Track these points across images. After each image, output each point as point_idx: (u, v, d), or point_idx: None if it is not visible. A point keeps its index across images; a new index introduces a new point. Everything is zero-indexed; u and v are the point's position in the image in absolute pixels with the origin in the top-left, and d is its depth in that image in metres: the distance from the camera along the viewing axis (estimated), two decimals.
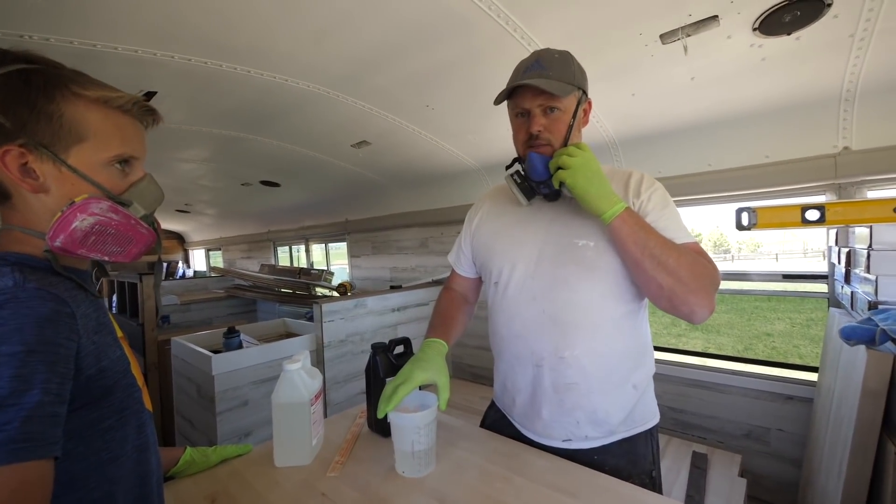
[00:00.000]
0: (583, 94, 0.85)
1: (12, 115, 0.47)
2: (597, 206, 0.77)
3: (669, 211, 0.82)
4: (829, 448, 1.31)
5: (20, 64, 0.49)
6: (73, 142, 0.50)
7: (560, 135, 0.83)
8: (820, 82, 1.44)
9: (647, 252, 0.75)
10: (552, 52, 0.85)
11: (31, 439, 0.39)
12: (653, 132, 1.91)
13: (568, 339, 0.84)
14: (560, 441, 0.89)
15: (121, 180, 0.55)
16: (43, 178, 0.50)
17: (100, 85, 0.53)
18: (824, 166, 1.60)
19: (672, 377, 2.03)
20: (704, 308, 0.74)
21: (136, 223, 0.55)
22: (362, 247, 3.90)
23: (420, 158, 2.52)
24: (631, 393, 0.87)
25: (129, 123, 0.55)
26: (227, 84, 1.67)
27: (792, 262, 34.95)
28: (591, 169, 0.78)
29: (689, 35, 1.27)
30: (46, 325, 0.43)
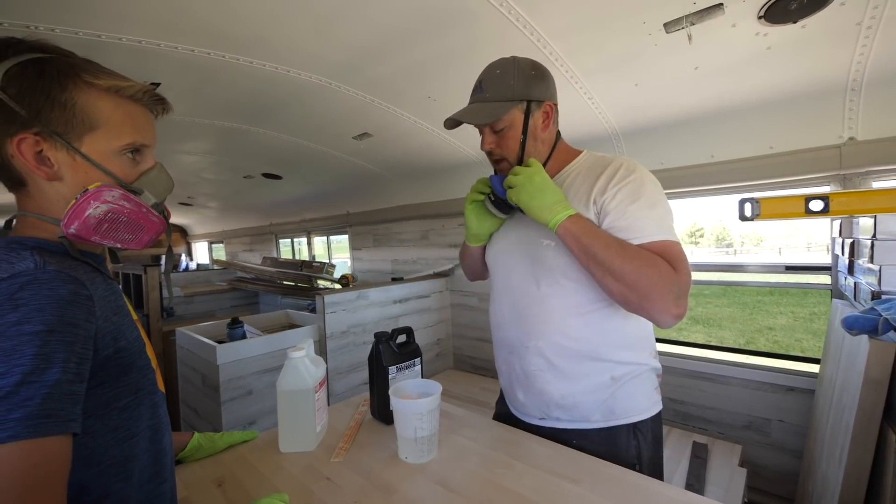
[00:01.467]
0: (530, 104, 0.86)
1: (27, 103, 0.48)
2: (541, 218, 0.82)
3: (637, 207, 0.79)
4: (830, 437, 1.32)
5: (35, 53, 0.50)
6: (85, 130, 0.51)
7: (512, 150, 0.88)
8: (826, 71, 1.43)
9: (591, 259, 0.77)
10: (494, 69, 0.88)
11: (52, 415, 0.40)
12: (656, 123, 1.89)
13: (531, 331, 0.90)
14: (537, 419, 0.94)
15: (132, 169, 0.56)
16: (57, 165, 0.51)
17: (111, 74, 0.54)
18: (829, 157, 1.59)
19: (673, 369, 2.04)
20: (664, 313, 0.74)
21: (148, 211, 0.56)
22: (364, 239, 3.91)
23: (421, 150, 2.51)
24: (607, 384, 0.86)
25: (140, 112, 0.56)
26: (229, 75, 1.67)
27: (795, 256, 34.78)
28: (534, 184, 0.82)
29: (694, 24, 1.26)
30: (66, 307, 0.44)
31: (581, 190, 0.86)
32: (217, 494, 0.77)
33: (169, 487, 0.60)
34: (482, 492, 0.74)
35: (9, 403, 0.38)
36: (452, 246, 3.05)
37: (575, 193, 0.86)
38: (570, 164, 0.93)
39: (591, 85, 1.67)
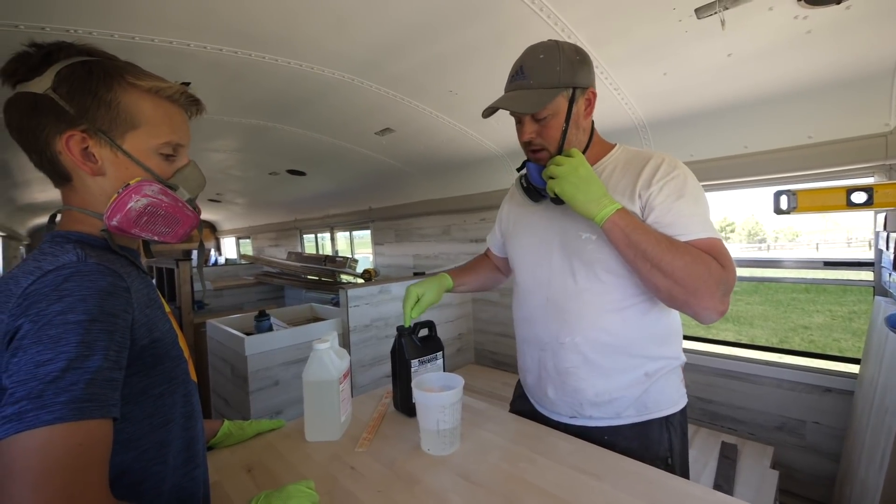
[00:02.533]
0: (575, 90, 0.83)
1: (76, 102, 0.51)
2: (586, 212, 0.79)
3: (682, 203, 0.78)
4: (871, 440, 1.26)
5: (83, 56, 0.53)
6: (128, 128, 0.54)
7: (553, 140, 0.85)
8: (871, 55, 1.34)
9: (639, 254, 0.75)
10: (537, 53, 0.83)
11: (95, 400, 0.42)
12: (685, 113, 1.83)
13: (568, 327, 0.87)
14: (567, 417, 0.92)
15: (168, 166, 0.59)
16: (101, 161, 0.54)
17: (151, 76, 0.57)
18: (874, 146, 1.49)
19: (700, 367, 1.98)
20: (709, 310, 0.73)
21: (184, 205, 0.59)
22: (386, 234, 3.95)
23: (443, 145, 2.51)
24: (642, 380, 0.86)
25: (177, 112, 0.59)
26: (256, 73, 1.71)
27: (834, 252, 33.00)
28: (579, 175, 0.79)
29: (727, 8, 1.20)
30: (106, 298, 0.46)
31: (622, 184, 0.84)
32: (247, 480, 0.80)
33: (201, 472, 0.63)
34: (504, 485, 0.74)
35: (55, 388, 0.40)
36: (474, 241, 3.04)
37: (615, 187, 0.84)
38: (606, 157, 0.90)
39: (617, 75, 1.63)
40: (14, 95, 0.52)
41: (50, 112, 0.51)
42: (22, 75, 0.51)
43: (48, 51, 0.52)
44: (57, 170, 0.54)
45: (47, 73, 0.51)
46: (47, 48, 0.52)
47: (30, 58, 0.51)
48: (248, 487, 0.78)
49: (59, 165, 0.54)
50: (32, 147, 0.53)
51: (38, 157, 0.54)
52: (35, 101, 0.51)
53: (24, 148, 0.54)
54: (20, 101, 0.51)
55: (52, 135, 0.52)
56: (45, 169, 0.55)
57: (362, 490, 0.75)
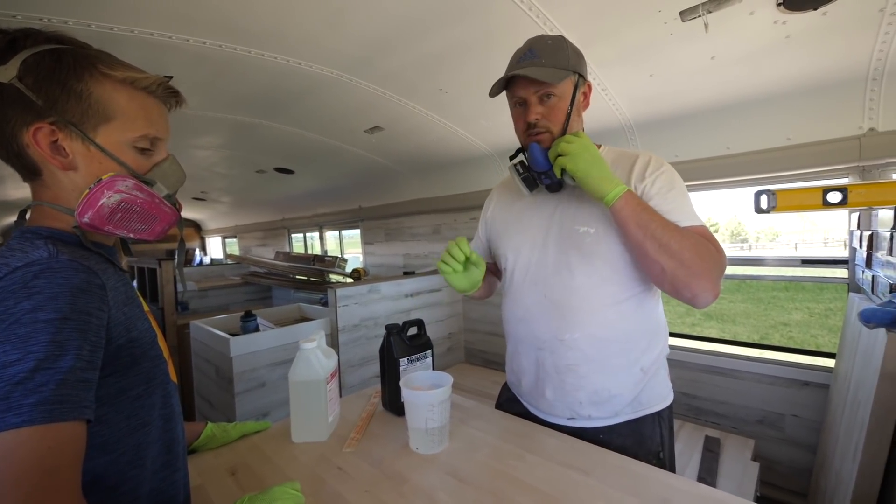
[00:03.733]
0: (580, 78, 0.85)
1: (44, 93, 0.49)
2: (599, 189, 0.78)
3: (675, 193, 0.81)
4: (845, 433, 1.30)
5: (52, 44, 0.50)
6: (100, 121, 0.52)
7: (558, 122, 0.85)
8: (847, 60, 1.38)
9: (648, 234, 0.75)
10: (545, 39, 0.85)
11: (66, 401, 0.40)
12: (670, 115, 1.86)
13: (567, 323, 0.87)
14: (565, 419, 0.91)
15: (145, 160, 0.56)
16: (72, 155, 0.51)
17: (126, 66, 0.54)
18: (848, 148, 1.54)
19: (685, 363, 2.02)
20: (708, 292, 0.75)
21: (161, 202, 0.56)
22: (375, 234, 3.93)
23: (433, 144, 2.51)
24: (638, 376, 0.87)
25: (154, 104, 0.56)
26: (242, 68, 1.68)
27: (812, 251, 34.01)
28: (591, 153, 0.79)
29: (710, 11, 1.23)
30: (79, 295, 0.44)
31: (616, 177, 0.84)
32: (230, 483, 0.79)
33: (182, 476, 0.62)
34: (492, 482, 0.74)
35: (24, 389, 0.39)
36: None
37: None
38: None
39: (604, 76, 1.65)
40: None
41: (15, 103, 0.48)
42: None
43: (13, 37, 0.49)
44: (25, 164, 0.52)
45: (12, 62, 0.48)
46: (12, 34, 0.49)
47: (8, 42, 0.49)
48: (231, 491, 0.77)
49: (26, 159, 0.51)
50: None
51: (4, 151, 0.51)
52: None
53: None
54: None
55: (18, 127, 0.49)
56: (12, 163, 0.52)
57: (350, 490, 0.74)
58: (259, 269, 4.31)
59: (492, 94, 0.87)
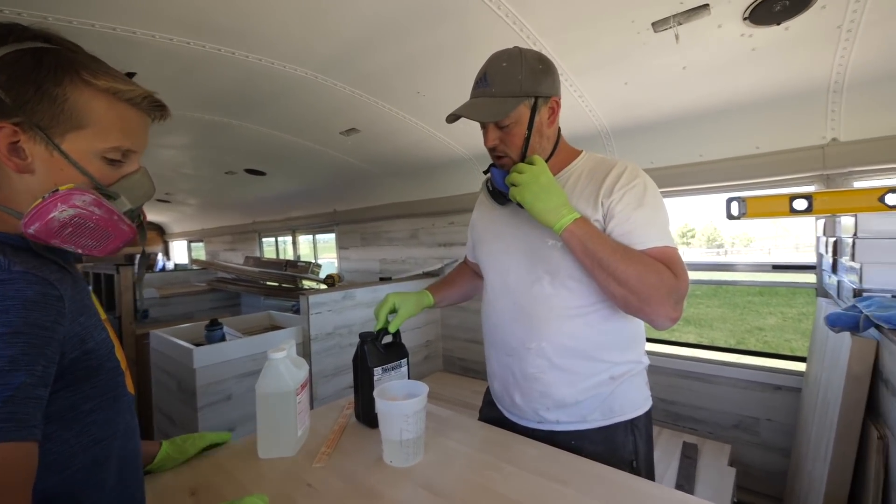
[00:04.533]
0: (537, 100, 0.85)
1: (15, 93, 0.47)
2: (545, 220, 0.82)
3: (641, 213, 0.81)
4: (816, 435, 1.36)
5: (38, 42, 0.48)
6: (71, 127, 0.50)
7: (515, 147, 0.88)
8: (809, 73, 1.47)
9: (595, 263, 0.79)
10: (500, 61, 0.85)
11: (14, 419, 0.39)
12: (645, 122, 1.93)
13: (534, 332, 0.89)
14: (535, 422, 0.94)
15: (112, 171, 0.54)
16: (31, 158, 0.49)
17: (112, 75, 0.52)
18: (813, 157, 1.64)
19: (663, 369, 2.07)
20: (662, 317, 0.77)
21: (119, 219, 0.53)
22: (351, 238, 3.89)
23: (411, 147, 2.51)
24: (606, 384, 0.89)
25: (135, 116, 0.55)
26: (211, 66, 1.64)
27: (784, 256, 35.69)
28: (539, 184, 0.82)
29: (681, 23, 1.28)
30: (33, 308, 0.43)
31: (586, 192, 0.87)
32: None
33: (141, 496, 0.59)
34: (469, 495, 0.74)
35: None
36: (442, 245, 3.05)
37: (580, 195, 0.87)
38: (572, 164, 0.93)
39: (581, 83, 1.70)
40: None
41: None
42: None
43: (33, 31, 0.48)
44: None
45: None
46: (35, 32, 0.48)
47: None
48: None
49: None
50: None
51: None
52: None
53: None
54: None
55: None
56: None
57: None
58: (227, 275, 4.19)
59: (448, 121, 0.89)
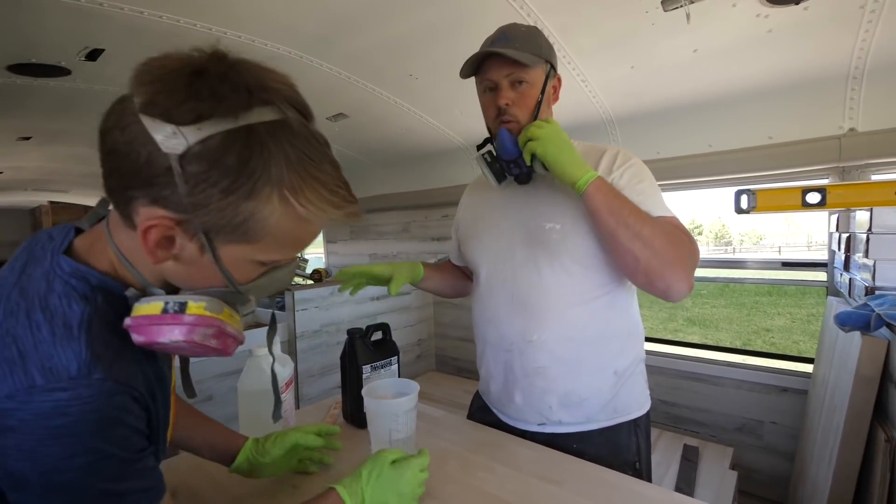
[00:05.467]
0: (551, 69, 0.88)
1: (199, 192, 0.38)
2: (570, 174, 0.80)
3: (645, 185, 0.85)
4: (821, 438, 1.39)
5: (276, 113, 0.40)
6: (239, 239, 0.43)
7: (528, 109, 0.87)
8: (828, 58, 1.47)
9: (621, 221, 0.78)
10: (519, 27, 0.88)
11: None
12: (652, 109, 1.93)
13: (535, 323, 0.89)
14: (535, 425, 0.93)
15: (256, 271, 0.48)
16: (177, 252, 0.43)
17: (325, 198, 0.43)
18: (829, 148, 1.65)
19: (665, 369, 2.10)
20: (682, 282, 0.77)
21: (232, 340, 0.49)
22: (339, 231, 3.88)
23: (403, 134, 2.50)
24: (612, 379, 0.90)
25: (319, 229, 0.49)
26: (185, 43, 1.58)
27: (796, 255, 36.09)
28: (562, 138, 0.82)
29: (693, 2, 1.28)
30: (117, 426, 0.42)
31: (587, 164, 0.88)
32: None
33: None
34: (461, 496, 0.75)
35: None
36: (435, 239, 3.05)
37: None
38: None
39: (584, 66, 1.69)
40: (130, 116, 0.38)
41: (156, 175, 0.38)
42: (165, 105, 0.37)
43: (248, 86, 0.39)
44: (122, 213, 0.44)
45: (199, 126, 0.37)
46: (249, 83, 0.39)
47: (204, 83, 0.38)
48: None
49: (126, 216, 0.43)
50: (111, 182, 0.42)
51: (112, 197, 0.43)
52: (150, 149, 0.38)
53: (103, 165, 0.41)
54: (133, 132, 0.38)
55: (137, 199, 0.41)
56: (112, 198, 0.44)
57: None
58: None
59: (462, 74, 0.89)
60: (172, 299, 0.44)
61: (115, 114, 0.40)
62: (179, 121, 0.37)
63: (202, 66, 0.39)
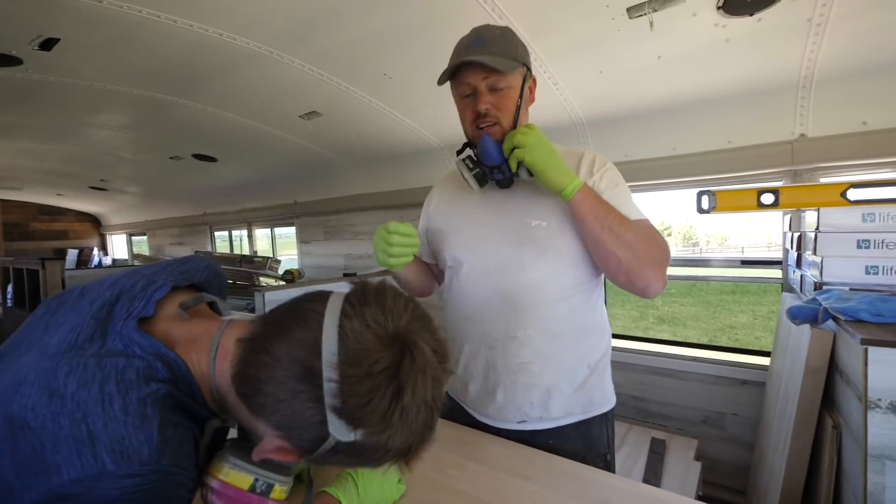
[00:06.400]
0: (527, 71, 0.89)
1: (328, 457, 0.44)
2: (558, 182, 0.82)
3: (621, 189, 0.89)
4: (777, 427, 1.46)
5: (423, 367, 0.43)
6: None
7: (509, 113, 0.87)
8: (780, 67, 1.56)
9: (606, 227, 0.81)
10: (493, 29, 0.88)
11: None
12: (620, 113, 1.99)
13: (520, 319, 0.89)
14: (515, 423, 0.93)
15: None
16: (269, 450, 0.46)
17: (427, 446, 0.47)
18: (782, 152, 1.74)
19: (635, 366, 2.16)
20: (659, 281, 0.82)
21: None
22: (313, 231, 3.81)
23: (377, 133, 2.49)
24: (585, 372, 0.92)
25: None
26: (150, 36, 1.56)
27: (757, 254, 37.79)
28: (547, 145, 0.83)
29: (656, 10, 1.33)
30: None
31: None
32: None
33: None
34: (431, 495, 0.75)
35: None
36: None
37: None
38: None
39: (555, 69, 1.73)
40: (316, 387, 0.41)
41: (306, 433, 0.42)
42: (353, 412, 0.41)
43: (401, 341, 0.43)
44: (238, 420, 0.48)
45: (364, 433, 0.42)
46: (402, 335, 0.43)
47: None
48: None
49: (221, 402, 0.48)
50: (257, 393, 0.44)
51: (245, 402, 0.45)
52: (320, 421, 0.41)
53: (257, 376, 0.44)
54: (313, 409, 0.41)
55: (266, 427, 0.44)
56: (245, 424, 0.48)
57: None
58: None
59: (440, 81, 0.88)
60: (262, 476, 0.48)
61: (301, 362, 0.42)
62: (358, 425, 0.41)
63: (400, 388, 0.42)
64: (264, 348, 0.43)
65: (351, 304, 0.45)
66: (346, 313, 0.44)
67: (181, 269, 0.58)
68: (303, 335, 0.43)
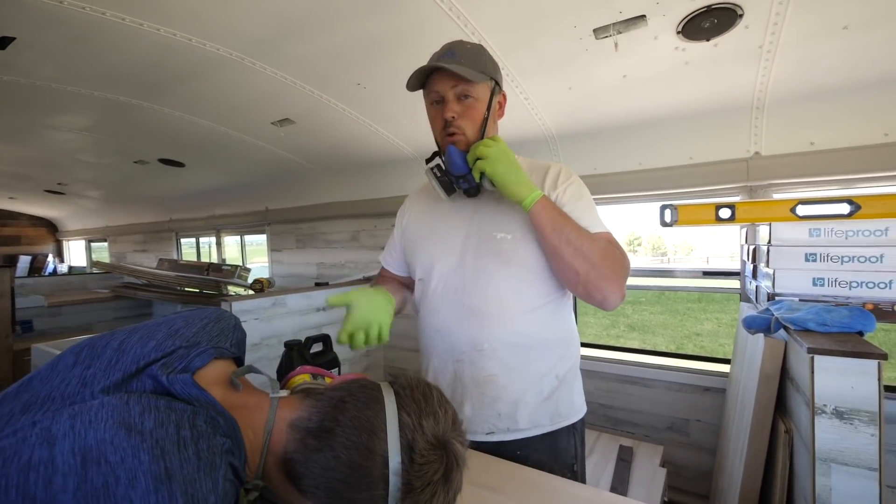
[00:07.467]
0: (496, 86, 0.92)
1: None
2: (517, 193, 0.84)
3: (584, 202, 0.91)
4: (735, 433, 1.52)
5: (435, 452, 0.51)
6: None
7: (475, 123, 0.89)
8: (735, 89, 1.66)
9: (563, 238, 0.83)
10: (465, 44, 0.91)
11: None
12: (589, 128, 2.06)
13: (486, 331, 0.90)
14: (483, 434, 0.93)
15: None
16: None
17: None
18: (738, 169, 1.84)
19: (604, 374, 2.21)
20: (616, 294, 0.84)
21: None
22: (285, 240, 3.74)
23: (351, 142, 2.48)
24: (553, 383, 0.93)
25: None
26: (113, 37, 1.51)
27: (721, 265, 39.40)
28: (509, 158, 0.85)
29: (620, 32, 1.39)
30: None
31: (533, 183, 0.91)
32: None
33: None
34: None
35: None
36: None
37: None
38: None
39: (527, 85, 1.78)
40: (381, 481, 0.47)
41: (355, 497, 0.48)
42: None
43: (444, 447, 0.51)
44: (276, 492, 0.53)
45: None
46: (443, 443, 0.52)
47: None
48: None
49: (270, 479, 0.53)
50: (311, 465, 0.49)
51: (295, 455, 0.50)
52: (379, 497, 0.47)
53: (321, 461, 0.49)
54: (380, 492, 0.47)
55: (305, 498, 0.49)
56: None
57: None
58: (136, 280, 3.85)
59: (409, 86, 0.90)
60: None
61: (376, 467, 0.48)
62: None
63: None
64: (329, 447, 0.48)
65: (408, 413, 0.51)
66: (405, 426, 0.50)
67: (217, 328, 0.63)
68: (367, 443, 0.48)
